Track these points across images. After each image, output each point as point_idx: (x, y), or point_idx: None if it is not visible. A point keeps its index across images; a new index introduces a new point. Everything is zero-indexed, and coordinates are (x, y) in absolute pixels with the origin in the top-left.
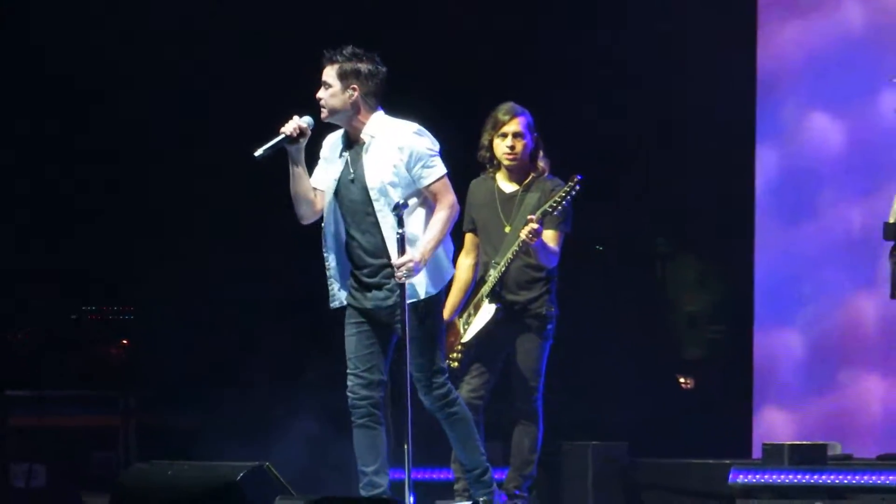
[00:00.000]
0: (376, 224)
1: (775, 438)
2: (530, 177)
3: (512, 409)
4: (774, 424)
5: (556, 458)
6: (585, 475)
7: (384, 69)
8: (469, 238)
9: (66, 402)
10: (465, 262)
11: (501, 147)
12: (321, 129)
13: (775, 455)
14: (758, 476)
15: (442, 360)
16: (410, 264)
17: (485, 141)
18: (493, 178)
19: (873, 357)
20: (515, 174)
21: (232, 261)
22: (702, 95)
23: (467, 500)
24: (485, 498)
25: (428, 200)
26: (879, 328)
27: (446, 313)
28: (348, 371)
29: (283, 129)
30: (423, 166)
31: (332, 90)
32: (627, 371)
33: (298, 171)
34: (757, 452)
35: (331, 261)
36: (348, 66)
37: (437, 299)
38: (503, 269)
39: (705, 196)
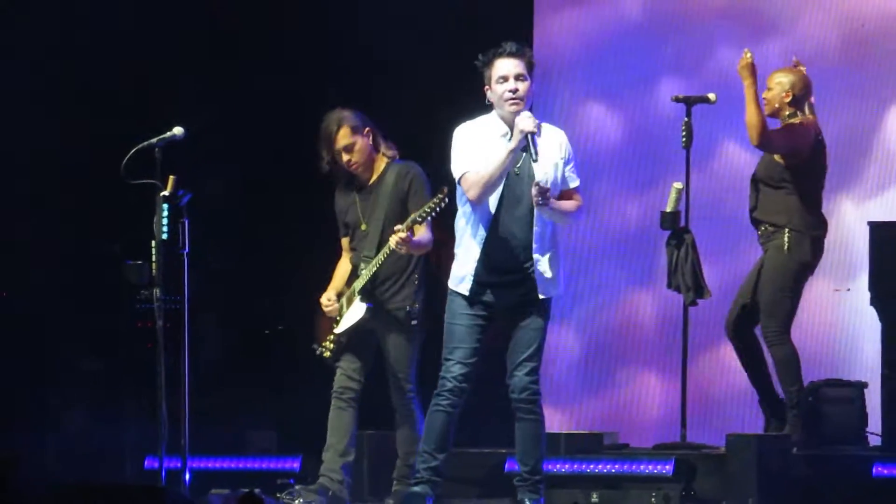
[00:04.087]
0: (529, 217)
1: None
2: (384, 164)
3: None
4: (551, 422)
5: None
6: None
7: None
8: (344, 242)
9: None
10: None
11: (343, 161)
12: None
13: (552, 444)
14: None
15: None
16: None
17: (327, 158)
18: (351, 181)
19: (650, 352)
20: (367, 172)
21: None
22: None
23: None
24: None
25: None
26: (656, 323)
27: (330, 295)
28: (453, 359)
29: (530, 129)
30: (573, 168)
31: (528, 83)
32: None
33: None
34: None
35: (474, 248)
36: (531, 59)
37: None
38: (374, 269)
39: None
